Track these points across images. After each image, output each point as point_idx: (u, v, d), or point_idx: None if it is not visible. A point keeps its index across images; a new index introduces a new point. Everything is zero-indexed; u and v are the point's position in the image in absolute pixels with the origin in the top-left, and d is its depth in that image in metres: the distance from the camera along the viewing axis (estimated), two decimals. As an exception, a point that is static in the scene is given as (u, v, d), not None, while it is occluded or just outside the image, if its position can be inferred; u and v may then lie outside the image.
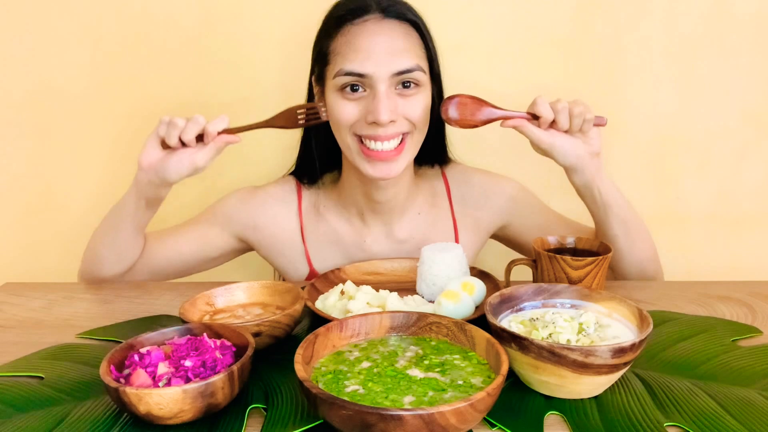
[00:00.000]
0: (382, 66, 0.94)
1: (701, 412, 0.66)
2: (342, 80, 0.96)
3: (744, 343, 0.83)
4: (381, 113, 0.94)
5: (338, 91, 0.98)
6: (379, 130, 0.96)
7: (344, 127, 0.99)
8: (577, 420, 0.65)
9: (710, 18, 1.34)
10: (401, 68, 0.95)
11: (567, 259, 0.86)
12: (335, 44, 0.98)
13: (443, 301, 0.84)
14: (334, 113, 0.99)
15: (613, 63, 1.37)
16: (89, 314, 0.97)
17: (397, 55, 0.95)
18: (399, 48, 0.96)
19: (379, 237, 1.13)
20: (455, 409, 0.55)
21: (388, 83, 0.95)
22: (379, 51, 0.95)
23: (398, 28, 0.98)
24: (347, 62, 0.95)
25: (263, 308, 0.88)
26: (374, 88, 0.95)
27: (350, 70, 0.95)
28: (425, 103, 1.00)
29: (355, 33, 0.96)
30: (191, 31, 1.38)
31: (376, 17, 0.97)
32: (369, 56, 0.94)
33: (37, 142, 1.45)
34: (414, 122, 0.99)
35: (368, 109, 0.96)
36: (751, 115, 1.39)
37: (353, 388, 0.64)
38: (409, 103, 0.98)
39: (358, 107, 0.97)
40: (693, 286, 1.05)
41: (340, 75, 0.96)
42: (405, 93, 0.98)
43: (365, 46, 0.95)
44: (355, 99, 0.97)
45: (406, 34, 0.98)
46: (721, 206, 1.45)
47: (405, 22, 0.98)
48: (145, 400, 0.61)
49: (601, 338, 0.71)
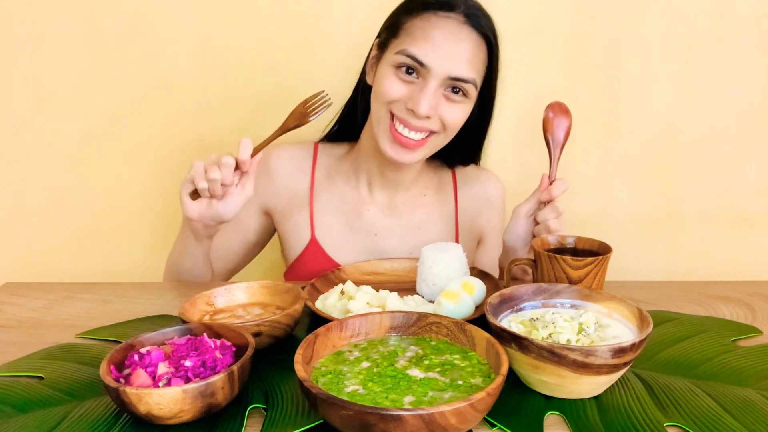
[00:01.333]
0: (443, 65, 0.97)
1: (701, 412, 0.66)
2: (401, 59, 0.99)
3: (744, 343, 0.83)
4: (422, 105, 0.97)
5: (393, 67, 1.00)
6: (412, 120, 1.00)
7: (384, 101, 1.02)
8: (577, 420, 0.65)
9: (710, 18, 1.34)
10: (458, 75, 0.98)
11: (567, 259, 0.86)
12: (411, 24, 1.00)
13: (443, 301, 0.84)
14: (380, 84, 1.02)
15: (613, 63, 1.37)
16: (89, 314, 0.97)
17: (461, 61, 0.98)
18: (465, 56, 0.99)
19: (381, 209, 1.17)
20: (455, 409, 0.55)
21: (440, 82, 0.98)
22: (448, 50, 0.97)
23: (473, 38, 1.00)
24: (414, 46, 0.98)
25: (263, 308, 0.88)
26: (426, 80, 0.98)
27: (414, 54, 0.97)
28: (464, 114, 1.04)
29: (435, 23, 0.98)
30: (192, 30, 1.38)
31: (458, 19, 0.99)
32: (436, 50, 0.97)
33: (37, 142, 1.45)
34: (446, 126, 1.02)
35: (412, 96, 0.99)
36: (751, 115, 1.39)
37: (353, 388, 0.64)
38: (450, 108, 1.01)
39: (404, 89, 1.00)
40: (693, 286, 1.05)
41: (402, 54, 0.98)
42: (451, 97, 1.01)
43: (438, 40, 0.97)
44: (405, 81, 1.00)
45: (477, 46, 1.00)
46: (721, 206, 1.44)
47: (482, 36, 1.01)
48: (145, 400, 0.61)
49: (601, 338, 0.71)
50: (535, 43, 1.37)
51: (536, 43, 1.37)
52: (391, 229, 1.16)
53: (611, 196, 1.45)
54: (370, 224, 1.16)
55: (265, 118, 1.40)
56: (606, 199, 1.45)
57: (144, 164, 1.47)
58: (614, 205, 1.45)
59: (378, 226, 1.16)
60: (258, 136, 1.04)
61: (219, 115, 1.42)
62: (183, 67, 1.40)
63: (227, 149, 1.01)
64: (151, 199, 1.47)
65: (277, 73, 1.39)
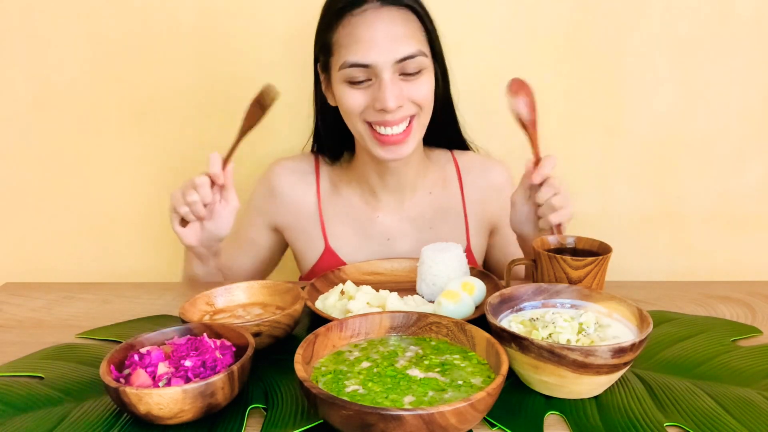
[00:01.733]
0: (385, 54, 0.97)
1: (701, 412, 0.66)
2: (346, 73, 0.99)
3: (744, 343, 0.83)
4: (388, 100, 0.97)
5: (345, 83, 1.01)
6: (387, 116, 1.00)
7: (354, 115, 1.02)
8: (577, 420, 0.65)
9: (710, 18, 1.34)
10: (403, 54, 0.98)
11: (567, 259, 0.86)
12: (337, 36, 1.01)
13: (443, 301, 0.84)
14: (343, 103, 1.02)
15: (613, 63, 1.37)
16: (89, 314, 0.97)
17: (398, 42, 0.98)
18: (399, 34, 0.98)
19: (391, 213, 1.16)
20: (455, 409, 0.55)
21: (391, 70, 0.98)
22: (381, 39, 0.97)
23: (397, 14, 0.99)
24: (350, 54, 0.98)
25: (263, 308, 0.88)
26: (379, 77, 0.98)
27: (354, 61, 0.98)
28: (429, 85, 1.03)
29: (355, 24, 0.98)
30: (192, 28, 1.38)
31: (374, 6, 0.99)
32: (371, 46, 0.97)
33: (37, 142, 1.45)
34: (420, 104, 1.02)
35: (375, 97, 0.99)
36: (751, 115, 1.39)
37: (353, 388, 0.64)
38: (413, 86, 1.01)
39: (365, 95, 1.00)
40: (693, 286, 1.05)
41: (345, 67, 0.99)
42: (409, 78, 1.00)
43: (366, 36, 0.97)
44: (362, 89, 1.00)
45: (405, 19, 1.00)
46: (721, 206, 1.44)
47: (403, 8, 1.00)
48: (145, 400, 0.61)
49: (601, 338, 0.71)
50: (535, 42, 1.37)
51: (536, 43, 1.37)
52: (404, 232, 1.16)
53: (611, 196, 1.44)
54: (383, 230, 1.16)
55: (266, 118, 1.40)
56: (606, 199, 1.45)
57: (144, 164, 1.47)
58: (614, 205, 1.45)
59: (391, 231, 1.16)
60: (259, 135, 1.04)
61: (219, 116, 1.42)
62: (183, 67, 1.40)
63: (226, 149, 1.01)
64: (152, 199, 1.47)
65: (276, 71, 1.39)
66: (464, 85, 1.20)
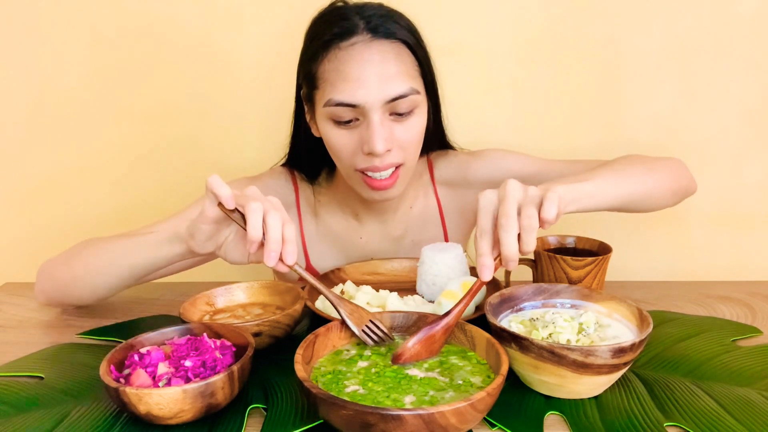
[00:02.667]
0: (374, 94, 0.89)
1: (701, 412, 0.66)
2: (332, 110, 0.91)
3: (744, 343, 0.83)
4: (376, 144, 0.89)
5: (329, 120, 0.93)
6: (376, 161, 0.93)
7: (343, 159, 0.96)
8: (577, 420, 0.65)
9: (710, 18, 1.34)
10: (394, 94, 0.90)
11: (567, 259, 0.86)
12: (322, 69, 0.92)
13: (443, 301, 0.84)
14: (330, 144, 0.95)
15: (612, 63, 1.37)
16: (89, 314, 0.97)
17: (389, 80, 0.89)
18: (391, 73, 0.90)
19: (374, 235, 1.13)
20: (455, 409, 0.55)
21: (381, 111, 0.90)
22: (370, 78, 0.89)
23: (389, 49, 0.91)
24: (336, 92, 0.90)
25: (263, 308, 0.88)
26: (367, 117, 0.90)
27: (340, 100, 0.89)
28: (420, 127, 0.96)
29: (343, 59, 0.90)
30: (193, 30, 1.38)
31: (364, 39, 0.90)
32: (359, 85, 0.88)
33: (37, 142, 1.45)
34: (407, 150, 0.95)
35: (363, 139, 0.92)
36: (751, 115, 1.39)
37: (353, 388, 0.64)
38: (403, 128, 0.93)
39: (352, 136, 0.93)
40: (693, 286, 1.05)
41: (331, 105, 0.90)
42: (399, 119, 0.93)
43: (355, 75, 0.89)
44: (349, 128, 0.93)
45: (397, 54, 0.92)
46: (721, 206, 1.44)
47: (396, 41, 0.92)
48: (145, 400, 0.61)
49: (601, 338, 0.71)
50: (535, 44, 1.37)
51: (536, 44, 1.37)
52: (385, 251, 1.13)
53: (611, 196, 1.44)
54: (366, 251, 1.13)
55: (264, 119, 1.41)
56: (606, 199, 1.45)
57: (145, 164, 1.47)
58: (614, 205, 1.45)
59: (373, 250, 1.13)
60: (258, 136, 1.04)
61: (220, 116, 1.42)
62: (184, 67, 1.40)
63: (227, 149, 1.00)
64: (152, 199, 1.47)
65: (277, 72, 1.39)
66: (461, 88, 1.20)
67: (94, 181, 1.47)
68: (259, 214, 0.71)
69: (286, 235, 0.72)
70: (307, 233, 1.13)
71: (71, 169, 1.47)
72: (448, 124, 1.11)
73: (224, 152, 1.44)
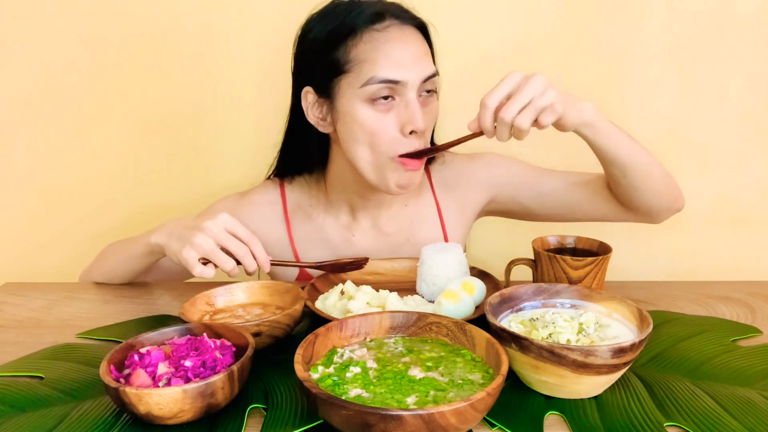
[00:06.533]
0: (413, 72, 0.92)
1: (701, 412, 0.66)
2: (374, 89, 0.92)
3: (744, 343, 0.83)
4: (418, 120, 0.92)
5: (367, 102, 0.93)
6: (417, 143, 0.95)
7: (381, 144, 0.95)
8: (577, 420, 0.65)
9: (710, 18, 1.34)
10: (428, 74, 0.94)
11: (567, 259, 0.86)
12: (356, 51, 0.93)
13: (443, 301, 0.84)
14: (366, 126, 0.94)
15: (612, 63, 1.37)
16: (89, 314, 0.97)
17: (423, 60, 0.94)
18: (422, 53, 0.95)
19: (367, 232, 1.13)
20: (455, 409, 0.55)
21: (416, 90, 0.94)
22: (408, 57, 0.93)
23: (415, 33, 0.96)
24: (380, 69, 0.91)
25: (263, 308, 0.88)
26: (404, 95, 0.93)
27: (385, 77, 0.91)
28: (437, 112, 1.00)
29: (382, 39, 0.93)
30: (192, 30, 1.38)
31: (395, 23, 0.95)
32: (401, 63, 0.92)
33: (38, 142, 1.45)
34: (426, 134, 0.98)
35: (403, 120, 0.93)
36: (751, 115, 1.39)
37: (356, 392, 0.64)
38: (429, 110, 0.97)
39: (391, 120, 0.94)
40: (693, 286, 1.05)
41: (373, 83, 0.91)
42: (426, 101, 0.97)
43: (396, 53, 0.92)
44: (385, 110, 0.94)
45: (421, 39, 0.97)
46: (721, 206, 1.45)
47: (415, 27, 0.97)
48: (145, 400, 0.61)
49: (601, 338, 0.71)
50: (534, 44, 1.37)
51: (535, 45, 1.37)
52: (379, 249, 1.13)
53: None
54: (359, 250, 1.12)
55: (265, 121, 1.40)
56: (606, 199, 1.45)
57: (145, 164, 1.47)
58: (614, 205, 1.45)
59: (367, 249, 1.12)
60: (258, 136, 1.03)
61: (220, 116, 1.43)
62: (184, 67, 1.40)
63: (226, 149, 1.00)
64: (152, 199, 1.47)
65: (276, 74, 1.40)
66: (461, 87, 1.20)
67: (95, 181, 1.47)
68: (231, 261, 0.88)
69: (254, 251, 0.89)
70: (297, 237, 1.13)
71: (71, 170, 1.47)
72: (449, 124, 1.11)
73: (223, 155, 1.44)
